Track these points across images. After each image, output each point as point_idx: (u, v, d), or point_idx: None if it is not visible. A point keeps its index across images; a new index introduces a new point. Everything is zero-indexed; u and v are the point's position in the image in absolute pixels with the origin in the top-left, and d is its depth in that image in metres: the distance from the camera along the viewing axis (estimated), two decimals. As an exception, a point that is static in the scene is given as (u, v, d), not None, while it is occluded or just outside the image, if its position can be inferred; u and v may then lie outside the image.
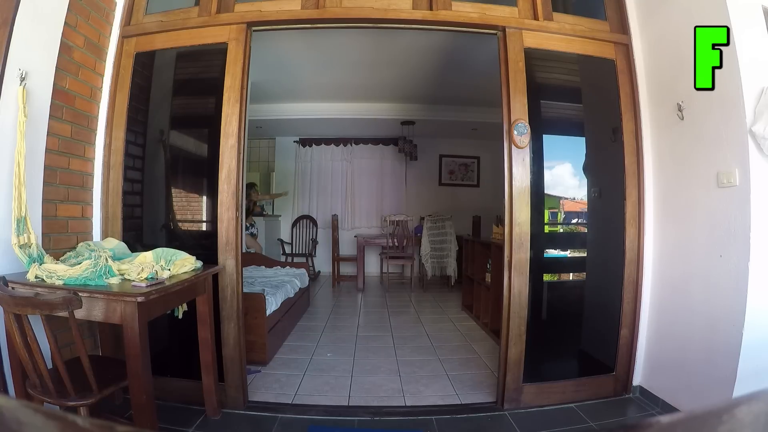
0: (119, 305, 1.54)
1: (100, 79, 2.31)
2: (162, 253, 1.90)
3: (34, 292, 1.49)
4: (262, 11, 2.31)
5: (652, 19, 2.35)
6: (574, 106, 2.55)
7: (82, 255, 1.83)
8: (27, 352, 1.42)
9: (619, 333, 2.41)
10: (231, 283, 2.23)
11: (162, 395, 1.99)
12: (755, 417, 0.31)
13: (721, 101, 1.93)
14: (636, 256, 2.39)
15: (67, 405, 1.45)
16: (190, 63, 2.48)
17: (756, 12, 1.88)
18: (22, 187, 1.74)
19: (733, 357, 1.82)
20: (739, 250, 1.84)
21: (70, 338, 1.62)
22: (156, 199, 2.48)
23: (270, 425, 2.08)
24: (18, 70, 1.76)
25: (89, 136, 2.26)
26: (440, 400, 2.39)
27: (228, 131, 2.23)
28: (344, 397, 2.41)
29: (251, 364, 2.64)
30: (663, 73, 2.31)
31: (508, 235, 2.27)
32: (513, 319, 2.27)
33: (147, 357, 1.57)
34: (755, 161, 1.79)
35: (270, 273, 4.10)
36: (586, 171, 2.48)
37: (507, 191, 2.27)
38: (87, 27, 2.17)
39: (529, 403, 2.29)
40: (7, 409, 0.29)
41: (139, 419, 1.58)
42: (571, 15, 2.42)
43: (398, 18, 2.32)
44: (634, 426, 0.31)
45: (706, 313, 2.01)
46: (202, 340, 2.06)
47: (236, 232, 2.23)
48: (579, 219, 2.56)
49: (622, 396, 2.41)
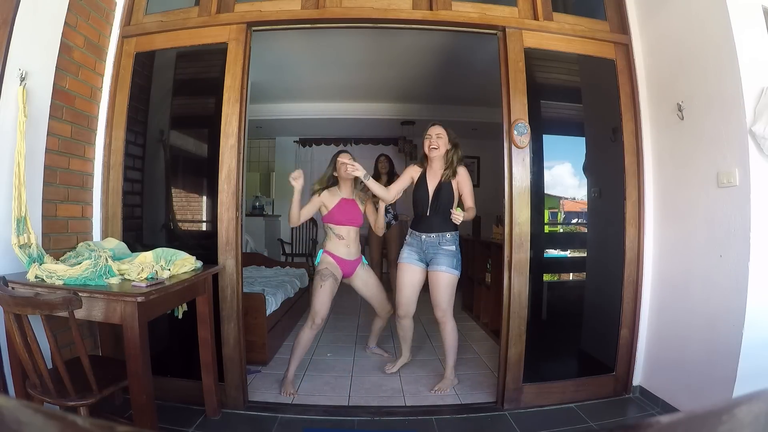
0: (119, 305, 1.54)
1: (100, 79, 2.31)
2: (162, 253, 1.90)
3: (34, 292, 1.49)
4: (262, 11, 2.31)
5: (652, 19, 2.35)
6: (574, 106, 2.55)
7: (82, 255, 1.83)
8: (27, 352, 1.42)
9: (619, 333, 2.41)
10: (231, 283, 2.23)
11: (162, 395, 1.98)
12: (755, 417, 0.31)
13: (721, 101, 1.93)
14: (636, 256, 2.39)
15: (67, 405, 1.45)
16: (190, 63, 2.48)
17: (756, 12, 1.88)
18: (22, 187, 1.74)
19: (733, 357, 1.82)
20: (739, 250, 1.84)
21: (70, 338, 1.61)
22: (156, 199, 2.48)
23: (270, 425, 2.08)
24: (18, 70, 1.76)
25: (89, 136, 2.26)
26: (440, 400, 2.39)
27: (228, 131, 2.23)
28: (344, 397, 2.41)
29: (251, 364, 2.64)
30: (663, 73, 2.31)
31: (508, 235, 2.27)
32: (513, 319, 2.27)
33: (147, 357, 1.57)
34: (755, 161, 1.79)
35: (270, 273, 4.09)
36: (586, 171, 2.48)
37: (507, 191, 2.27)
38: (87, 27, 2.17)
39: (529, 403, 2.29)
40: (7, 409, 0.29)
41: (139, 419, 1.58)
42: (571, 15, 2.42)
43: (398, 18, 2.32)
44: (634, 426, 0.31)
45: (706, 313, 2.01)
46: (202, 340, 2.06)
47: (236, 232, 2.23)
48: (579, 219, 2.56)
49: (622, 396, 2.41)
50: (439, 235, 2.40)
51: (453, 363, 2.51)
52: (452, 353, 2.49)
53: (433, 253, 2.42)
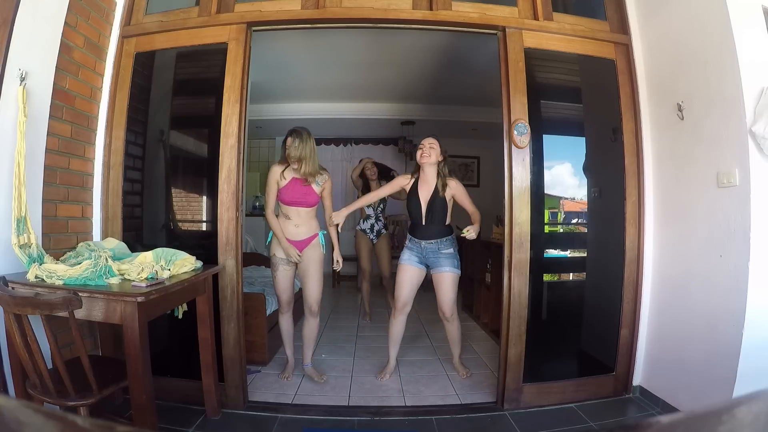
0: (119, 305, 1.54)
1: (100, 79, 2.31)
2: (162, 253, 1.90)
3: (34, 292, 1.48)
4: (262, 11, 2.31)
5: (652, 19, 2.35)
6: (574, 106, 2.55)
7: (82, 255, 1.83)
8: (27, 352, 1.42)
9: (619, 333, 2.41)
10: (231, 283, 2.23)
11: (162, 395, 1.98)
12: (755, 417, 0.31)
13: (721, 101, 1.93)
14: (636, 256, 2.39)
15: (67, 405, 1.45)
16: (190, 63, 2.48)
17: (756, 12, 1.88)
18: (22, 187, 1.74)
19: (733, 357, 1.82)
20: (739, 250, 1.84)
21: (70, 338, 1.62)
22: (156, 199, 2.48)
23: (270, 425, 2.08)
24: (18, 70, 1.76)
25: (89, 136, 2.26)
26: (440, 400, 2.39)
27: (228, 131, 2.23)
28: (344, 397, 2.41)
29: (251, 364, 2.64)
30: (663, 73, 2.31)
31: (508, 235, 2.27)
32: (513, 319, 2.27)
33: (147, 357, 1.57)
34: (755, 161, 1.79)
35: (270, 273, 4.09)
36: (586, 171, 2.48)
37: (507, 191, 2.27)
38: (87, 27, 2.17)
39: (529, 403, 2.29)
40: (7, 409, 0.29)
41: (139, 419, 1.58)
42: (571, 15, 2.42)
43: (398, 18, 2.32)
44: (634, 426, 0.31)
45: (706, 313, 2.00)
46: (202, 340, 2.06)
47: (236, 232, 2.23)
48: (579, 219, 2.56)
49: (622, 396, 2.41)
50: (437, 241, 2.54)
51: (460, 352, 2.78)
52: (459, 345, 2.77)
53: (434, 257, 2.56)
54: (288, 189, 2.48)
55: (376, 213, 3.94)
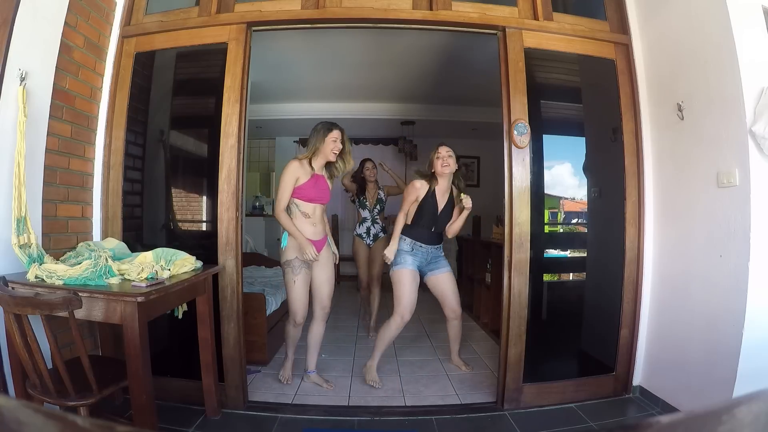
0: (119, 305, 1.54)
1: (100, 79, 2.31)
2: (162, 253, 1.90)
3: (34, 292, 1.48)
4: (262, 11, 2.31)
5: (652, 19, 2.35)
6: (574, 106, 2.55)
7: (82, 255, 1.83)
8: (27, 352, 1.42)
9: (619, 333, 2.41)
10: (231, 283, 2.23)
11: (162, 395, 1.98)
12: (755, 417, 0.31)
13: (721, 101, 1.93)
14: (636, 256, 2.39)
15: (67, 405, 1.45)
16: (190, 63, 2.48)
17: (756, 12, 1.88)
18: (22, 187, 1.74)
19: (733, 357, 1.82)
20: (739, 250, 1.84)
21: (70, 338, 1.62)
22: (156, 199, 2.48)
23: (270, 425, 2.08)
24: (18, 70, 1.76)
25: (89, 136, 2.26)
26: (440, 400, 2.39)
27: (228, 131, 2.23)
28: (344, 397, 2.41)
29: (251, 364, 2.64)
30: (663, 73, 2.31)
31: (508, 235, 2.27)
32: (513, 319, 2.27)
33: (147, 357, 1.57)
34: (755, 161, 1.79)
35: (270, 273, 4.09)
36: (586, 171, 2.48)
37: (507, 191, 2.27)
38: (87, 27, 2.17)
39: (529, 403, 2.29)
40: (7, 409, 0.29)
41: (139, 419, 1.58)
42: (571, 15, 2.42)
43: (398, 18, 2.32)
44: (634, 426, 0.31)
45: (706, 313, 2.00)
46: (202, 340, 2.06)
47: (236, 232, 2.23)
48: (579, 219, 2.57)
49: (622, 396, 2.41)
50: (439, 246, 2.69)
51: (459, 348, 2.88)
52: (459, 341, 2.87)
53: (434, 261, 2.65)
54: (310, 185, 2.36)
55: (372, 215, 3.75)
